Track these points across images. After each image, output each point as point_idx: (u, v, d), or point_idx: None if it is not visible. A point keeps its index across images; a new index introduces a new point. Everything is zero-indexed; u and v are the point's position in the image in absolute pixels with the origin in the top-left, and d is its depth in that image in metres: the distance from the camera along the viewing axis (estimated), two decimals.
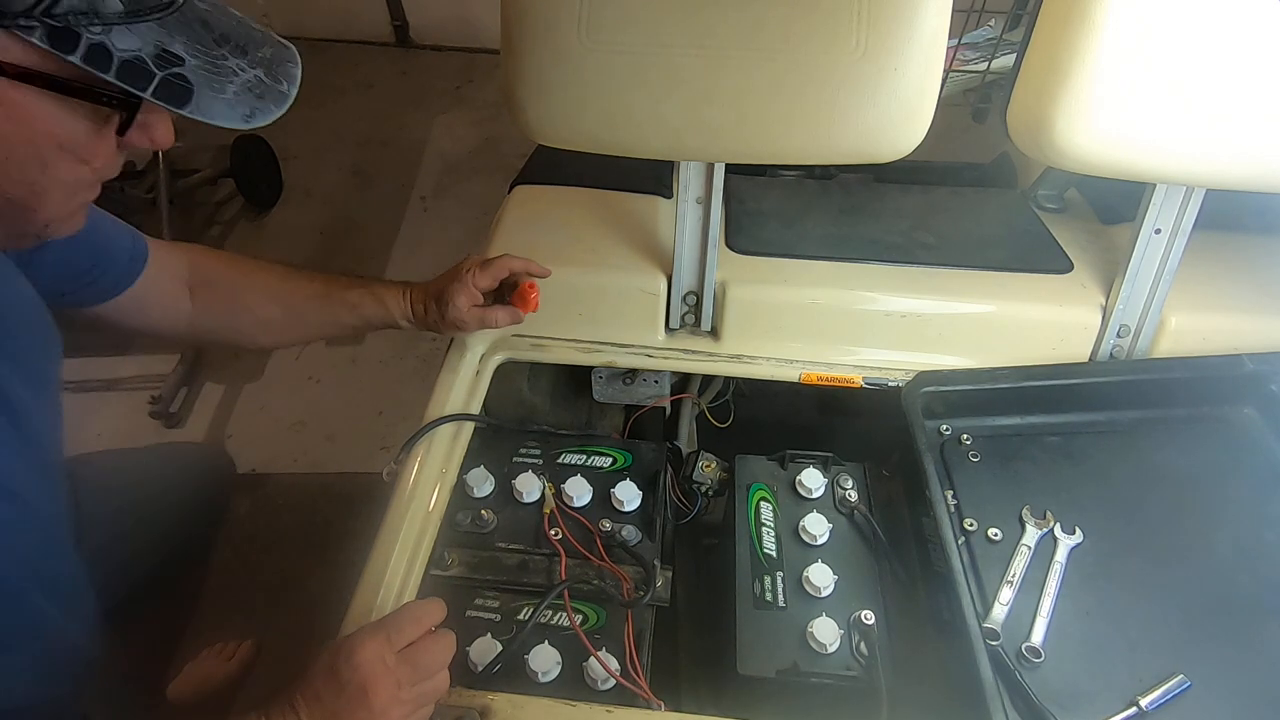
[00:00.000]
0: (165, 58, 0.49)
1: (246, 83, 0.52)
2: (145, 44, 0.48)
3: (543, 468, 1.00)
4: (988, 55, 1.62)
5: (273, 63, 0.55)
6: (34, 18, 0.44)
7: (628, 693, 0.78)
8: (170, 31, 0.49)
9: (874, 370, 1.08)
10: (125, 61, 0.47)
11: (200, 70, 0.50)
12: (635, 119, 0.91)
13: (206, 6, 0.53)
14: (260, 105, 0.53)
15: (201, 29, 0.51)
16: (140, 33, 0.48)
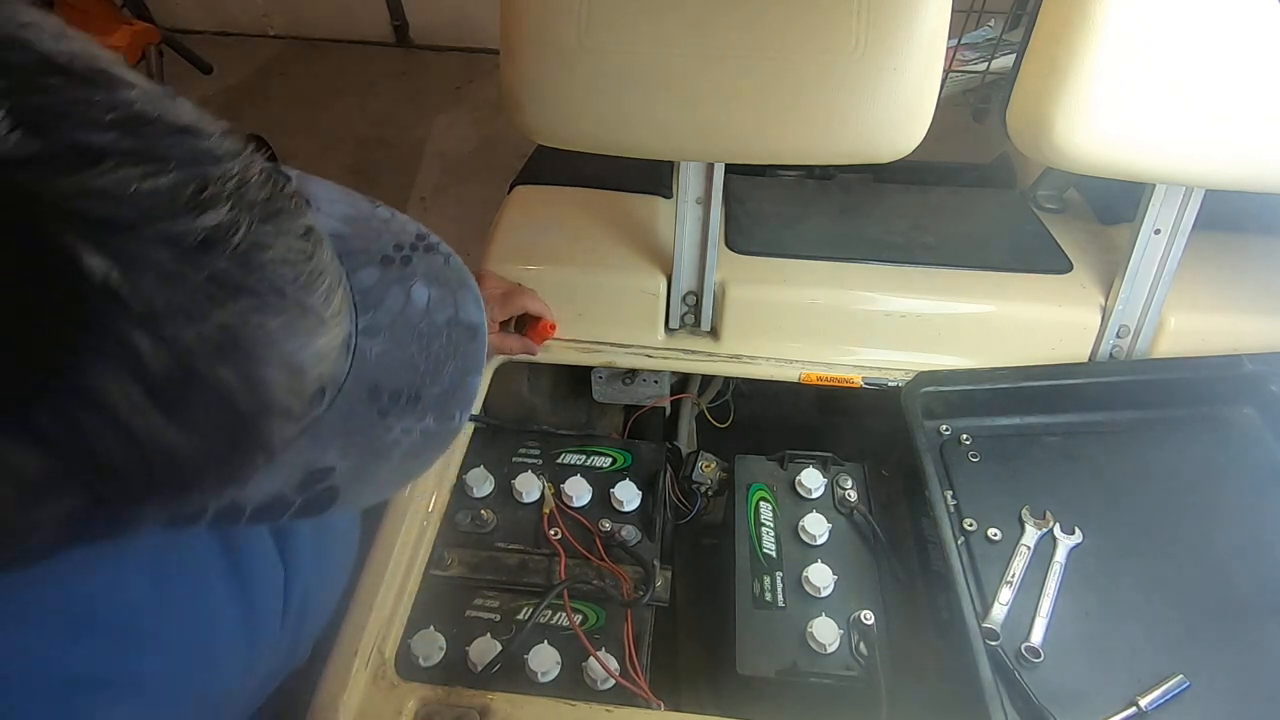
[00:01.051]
0: (312, 477, 0.37)
1: (410, 448, 0.39)
2: (290, 474, 0.36)
3: (542, 468, 1.00)
4: (987, 55, 1.63)
5: (450, 391, 0.40)
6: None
7: (627, 692, 0.78)
8: (323, 437, 0.36)
9: (874, 370, 1.08)
10: (260, 508, 0.36)
11: (351, 470, 0.37)
12: (635, 119, 0.91)
13: (380, 345, 0.37)
14: (415, 466, 0.41)
15: (366, 404, 0.37)
16: (283, 464, 0.35)
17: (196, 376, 0.25)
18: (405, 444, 0.39)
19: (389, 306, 0.38)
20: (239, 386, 0.27)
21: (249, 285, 0.26)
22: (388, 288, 0.39)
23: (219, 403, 0.27)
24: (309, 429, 0.35)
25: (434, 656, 0.80)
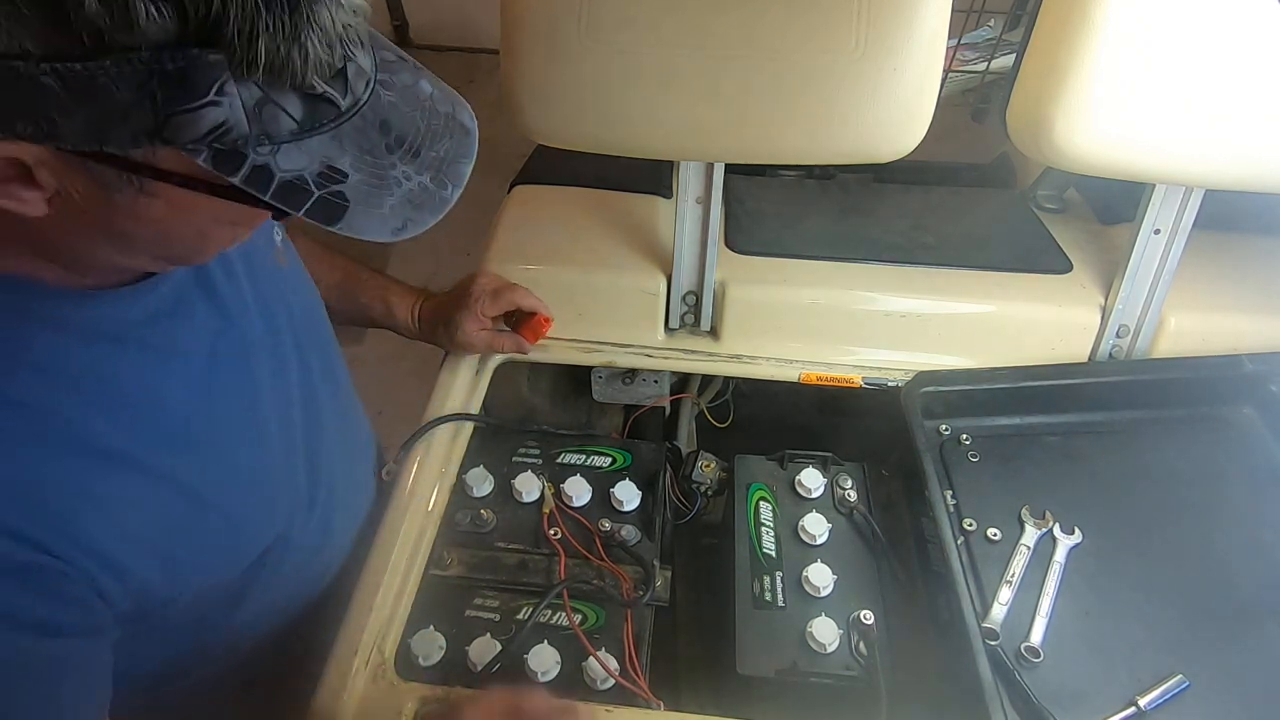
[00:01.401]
0: (328, 174, 0.45)
1: (408, 193, 0.48)
2: (311, 161, 0.45)
3: (542, 468, 1.00)
4: (987, 55, 1.63)
5: (444, 161, 0.50)
6: (202, 144, 0.42)
7: (627, 692, 0.78)
8: (342, 142, 0.45)
9: (873, 370, 1.08)
10: (285, 182, 0.44)
11: (362, 185, 0.46)
12: (635, 119, 0.91)
13: (392, 97, 0.48)
14: (415, 216, 0.49)
15: (378, 133, 0.47)
16: (309, 148, 0.44)
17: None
18: (405, 187, 0.48)
19: (402, 79, 0.49)
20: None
21: None
22: (402, 69, 0.49)
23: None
24: (327, 130, 0.44)
25: (434, 656, 0.80)
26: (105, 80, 0.38)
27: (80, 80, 0.38)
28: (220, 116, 0.41)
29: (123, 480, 0.54)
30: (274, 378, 0.69)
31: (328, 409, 0.76)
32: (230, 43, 0.39)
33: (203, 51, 0.39)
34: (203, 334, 0.61)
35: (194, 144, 0.41)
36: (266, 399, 0.67)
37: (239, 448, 0.64)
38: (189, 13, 0.38)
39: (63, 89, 0.38)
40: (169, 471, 0.57)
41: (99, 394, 0.53)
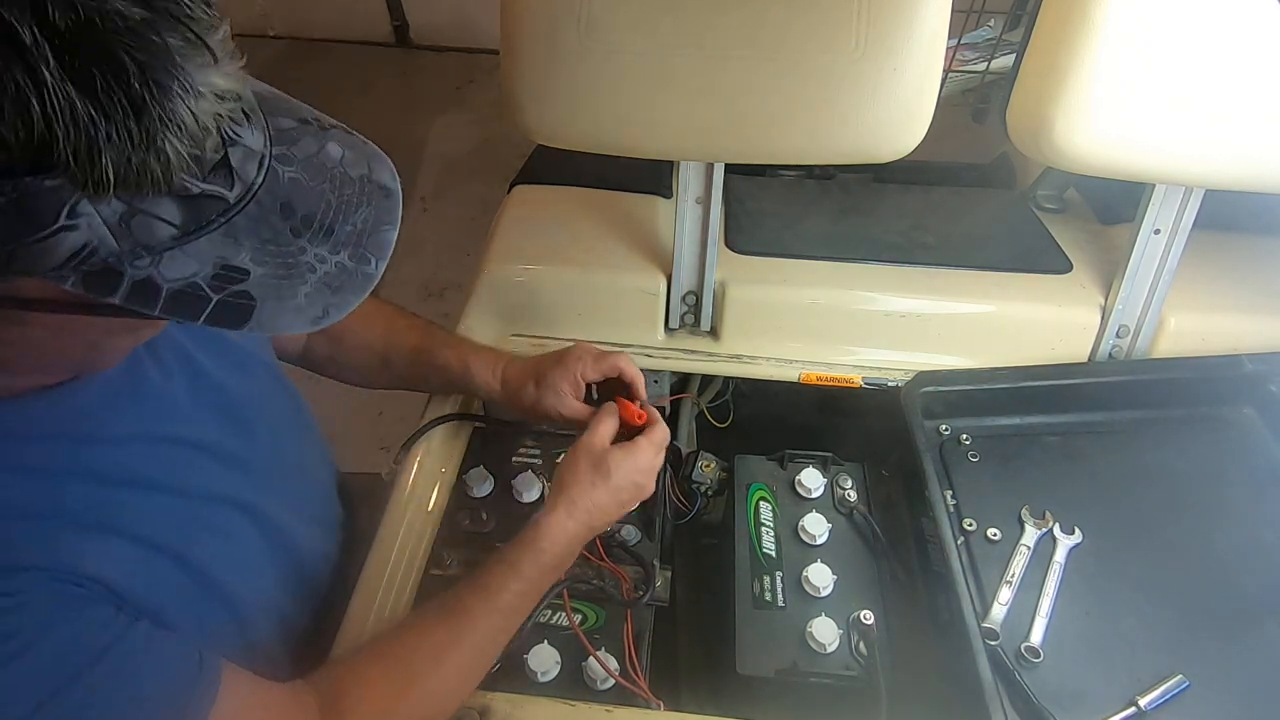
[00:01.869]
0: (225, 275, 0.41)
1: (324, 276, 0.43)
2: (203, 264, 0.40)
3: (542, 468, 1.00)
4: (987, 55, 1.62)
5: (363, 234, 0.45)
6: (66, 269, 0.37)
7: (627, 692, 0.78)
8: (237, 237, 0.41)
9: (873, 370, 1.08)
10: (174, 293, 0.40)
11: (268, 279, 0.42)
12: (635, 119, 0.91)
13: (294, 172, 0.43)
14: (335, 300, 0.44)
15: (279, 218, 0.42)
16: (197, 251, 0.40)
17: (94, 41, 0.32)
18: (320, 271, 0.43)
19: (303, 147, 0.44)
20: (133, 69, 0.33)
21: (156, 4, 0.34)
22: (302, 135, 0.45)
23: (110, 75, 0.33)
24: (219, 222, 0.40)
25: None
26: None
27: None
28: (79, 240, 0.37)
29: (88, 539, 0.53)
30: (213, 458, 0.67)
31: (275, 464, 0.74)
32: (66, 164, 0.35)
33: (36, 178, 0.35)
34: (130, 425, 0.59)
35: (55, 271, 0.38)
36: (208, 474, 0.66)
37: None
38: (6, 139, 0.33)
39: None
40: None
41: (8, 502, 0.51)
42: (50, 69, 0.33)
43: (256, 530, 0.68)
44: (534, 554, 0.73)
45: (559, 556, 0.75)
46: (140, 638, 0.51)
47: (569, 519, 0.75)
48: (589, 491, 0.76)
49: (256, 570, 0.69)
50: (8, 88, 0.32)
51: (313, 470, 0.82)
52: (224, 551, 0.63)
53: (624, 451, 0.78)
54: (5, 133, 0.33)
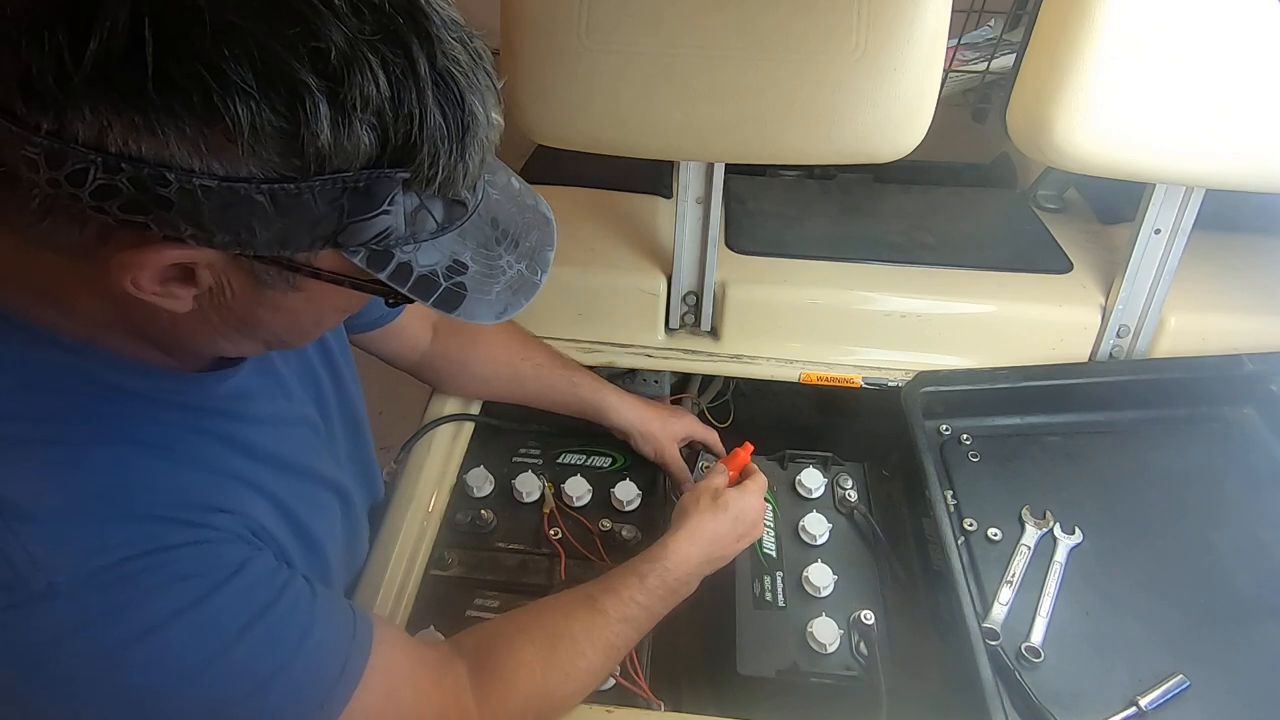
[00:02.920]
0: (454, 268, 0.49)
1: (510, 280, 0.52)
2: (442, 256, 0.49)
3: (542, 468, 1.00)
4: (988, 55, 1.62)
5: (535, 250, 0.55)
6: (364, 246, 0.45)
7: (628, 693, 0.78)
8: (465, 238, 0.50)
9: (874, 370, 1.08)
10: (421, 276, 0.48)
11: (478, 275, 0.51)
12: (635, 119, 0.91)
13: (497, 195, 0.53)
14: (514, 301, 0.53)
15: (489, 227, 0.52)
16: (442, 245, 0.49)
17: (451, 80, 0.43)
18: (508, 274, 0.52)
19: (500, 177, 0.55)
20: (465, 99, 0.44)
21: (474, 54, 0.45)
22: (498, 168, 0.55)
23: (456, 103, 0.43)
24: (459, 223, 0.49)
25: None
26: (309, 197, 0.41)
27: (289, 197, 0.41)
28: (387, 223, 0.45)
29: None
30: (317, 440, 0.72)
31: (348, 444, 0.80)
32: (419, 164, 0.43)
33: (395, 170, 0.43)
34: (269, 406, 0.64)
35: (357, 246, 0.45)
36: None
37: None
38: (390, 138, 0.42)
39: (271, 205, 0.41)
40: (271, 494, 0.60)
41: (196, 456, 0.56)
42: (430, 96, 0.42)
43: (343, 511, 0.72)
44: (660, 571, 0.76)
45: (681, 580, 0.78)
46: (304, 588, 0.56)
47: (691, 545, 0.79)
48: (710, 522, 0.81)
49: (345, 550, 0.73)
50: (404, 104, 0.41)
51: (368, 449, 0.84)
52: (328, 529, 0.67)
53: (739, 490, 0.86)
54: (392, 135, 0.42)
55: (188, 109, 0.38)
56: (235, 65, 0.37)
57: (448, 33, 0.43)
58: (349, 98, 0.39)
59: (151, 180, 0.39)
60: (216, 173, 0.39)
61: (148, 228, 0.41)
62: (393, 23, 0.40)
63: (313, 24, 0.38)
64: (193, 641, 0.49)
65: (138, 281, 0.44)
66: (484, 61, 0.46)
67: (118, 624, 0.46)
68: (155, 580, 0.48)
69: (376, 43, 0.40)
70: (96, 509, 0.48)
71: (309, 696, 0.53)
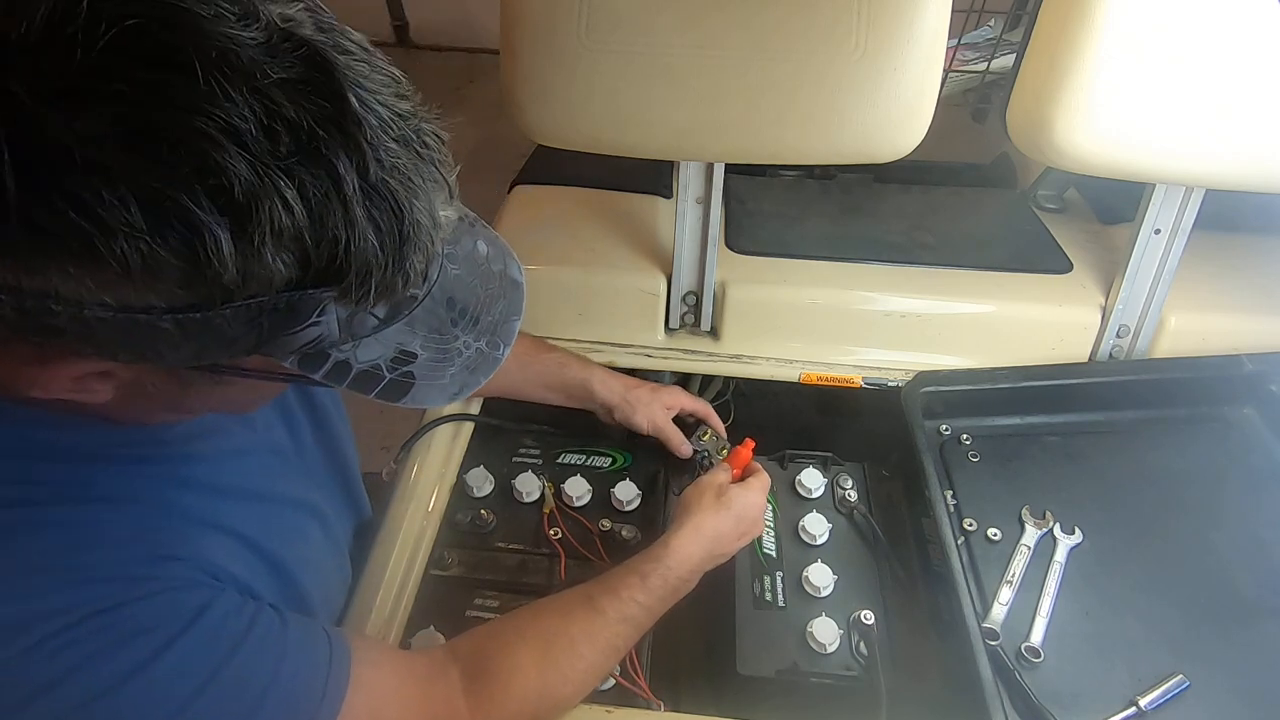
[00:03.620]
0: (400, 359, 0.47)
1: (467, 360, 0.50)
2: (386, 349, 0.47)
3: (542, 468, 1.00)
4: (988, 55, 1.62)
5: (499, 324, 0.52)
6: (293, 353, 0.43)
7: (627, 693, 0.78)
8: (414, 326, 0.47)
9: (874, 370, 1.08)
10: (362, 372, 0.46)
11: (428, 362, 0.48)
12: (635, 119, 0.91)
13: (457, 269, 0.50)
14: (469, 380, 0.50)
15: (444, 309, 0.49)
16: (385, 338, 0.46)
17: (387, 191, 0.40)
18: (465, 355, 0.50)
19: (464, 246, 0.52)
20: (406, 210, 0.41)
21: (421, 151, 0.42)
22: (462, 234, 0.52)
23: (393, 216, 0.40)
24: (407, 313, 0.46)
25: None
26: (220, 321, 0.39)
27: (197, 324, 0.39)
28: (317, 333, 0.43)
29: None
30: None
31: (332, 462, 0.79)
32: (348, 284, 0.41)
33: (320, 290, 0.40)
34: (225, 441, 0.63)
35: (285, 354, 0.44)
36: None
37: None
38: (312, 261, 0.39)
39: (178, 330, 0.39)
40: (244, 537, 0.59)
41: (147, 506, 0.54)
42: (359, 212, 0.39)
43: (322, 532, 0.70)
44: (662, 570, 0.76)
45: (682, 579, 0.77)
46: (273, 619, 0.55)
47: (694, 544, 0.79)
48: (712, 519, 0.81)
49: (323, 573, 0.71)
50: (329, 226, 0.39)
51: (351, 469, 0.84)
52: (303, 555, 0.65)
53: (741, 487, 0.85)
54: (314, 259, 0.39)
55: (65, 252, 0.35)
56: (116, 208, 0.34)
57: (386, 134, 0.40)
58: (257, 231, 0.36)
59: (36, 311, 0.36)
60: (110, 304, 0.37)
61: (44, 346, 0.39)
62: (314, 140, 0.37)
63: (210, 159, 0.35)
64: (160, 693, 0.48)
65: (46, 389, 0.42)
66: (432, 153, 0.43)
67: (90, 674, 0.45)
68: (109, 639, 0.46)
69: (292, 165, 0.36)
70: (56, 570, 0.47)
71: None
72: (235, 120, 0.35)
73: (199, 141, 0.35)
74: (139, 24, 0.34)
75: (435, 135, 0.44)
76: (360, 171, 0.39)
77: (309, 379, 0.45)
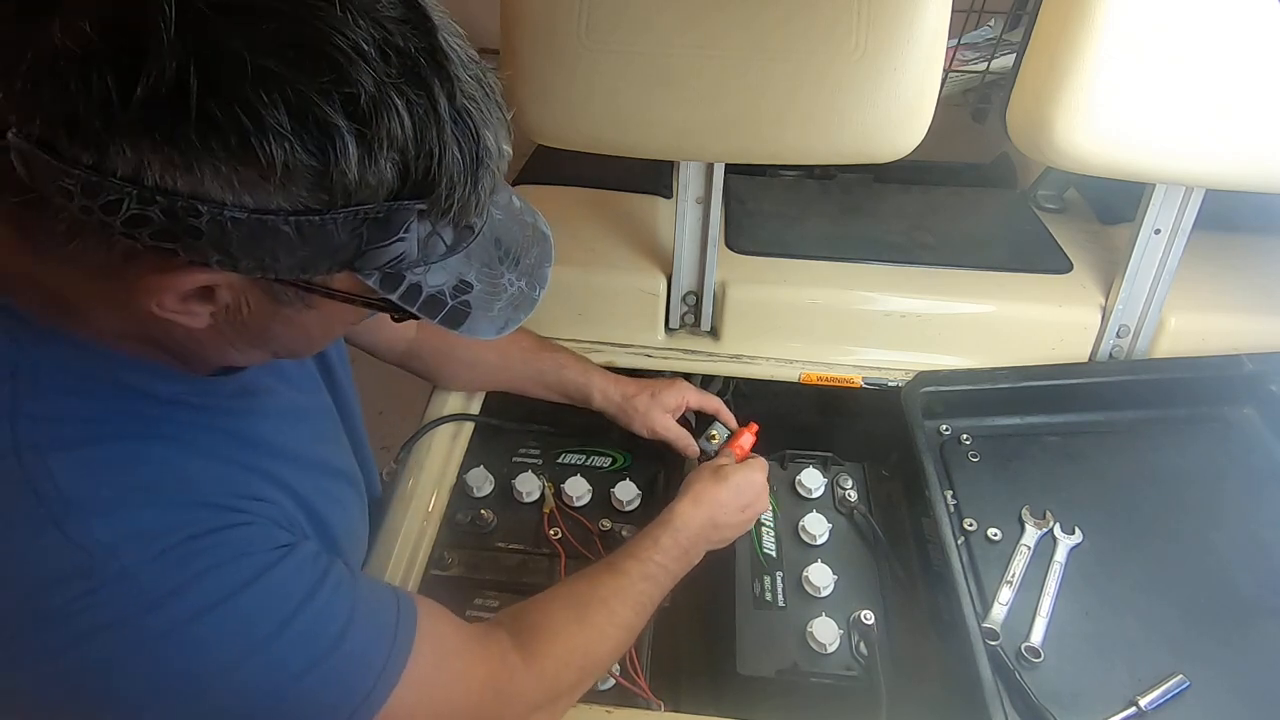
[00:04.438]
0: (460, 288, 0.52)
1: (512, 296, 0.55)
2: (450, 276, 0.51)
3: (542, 468, 1.00)
4: (988, 55, 1.62)
5: (535, 267, 0.57)
6: (377, 269, 0.47)
7: (628, 693, 0.78)
8: (471, 259, 0.52)
9: (874, 370, 1.08)
10: (430, 296, 0.50)
11: (482, 294, 0.53)
12: (635, 119, 0.91)
13: (500, 215, 0.55)
14: (515, 316, 0.56)
15: (494, 248, 0.54)
16: (450, 266, 0.51)
17: (468, 116, 0.45)
18: (509, 291, 0.54)
19: (502, 195, 0.56)
20: (480, 134, 0.45)
21: (488, 90, 0.46)
22: (501, 188, 0.54)
23: (473, 139, 0.45)
24: (465, 246, 0.50)
25: None
26: (332, 227, 0.43)
27: (313, 228, 0.43)
28: (402, 249, 0.46)
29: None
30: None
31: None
32: (436, 196, 0.45)
33: (413, 202, 0.44)
34: (274, 401, 0.66)
35: (372, 270, 0.47)
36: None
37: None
38: (411, 172, 0.44)
39: (296, 234, 0.43)
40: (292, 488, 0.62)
41: (221, 453, 0.58)
42: (449, 132, 0.44)
43: (356, 496, 0.73)
44: (671, 532, 0.81)
45: (690, 539, 0.82)
46: (344, 569, 0.58)
47: (695, 507, 0.83)
48: (711, 488, 0.85)
49: (358, 541, 0.74)
50: (426, 141, 0.43)
51: (364, 445, 0.85)
52: (344, 520, 0.68)
53: (740, 465, 0.90)
54: (413, 170, 0.43)
55: (225, 149, 0.39)
56: (272, 109, 0.39)
57: (465, 70, 0.45)
58: (376, 138, 0.41)
59: (184, 212, 0.40)
60: (247, 205, 0.41)
61: (175, 254, 0.42)
62: (416, 65, 0.42)
63: (345, 71, 0.40)
64: (261, 612, 0.51)
65: (161, 302, 0.46)
66: (495, 94, 0.47)
67: (189, 598, 0.49)
68: (219, 557, 0.50)
69: (402, 85, 0.42)
70: (153, 498, 0.50)
71: (363, 669, 0.55)
72: (362, 42, 0.40)
73: (336, 56, 0.40)
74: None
75: (497, 80, 0.48)
76: (449, 96, 0.44)
77: (388, 301, 0.49)
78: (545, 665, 0.68)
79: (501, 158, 0.49)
